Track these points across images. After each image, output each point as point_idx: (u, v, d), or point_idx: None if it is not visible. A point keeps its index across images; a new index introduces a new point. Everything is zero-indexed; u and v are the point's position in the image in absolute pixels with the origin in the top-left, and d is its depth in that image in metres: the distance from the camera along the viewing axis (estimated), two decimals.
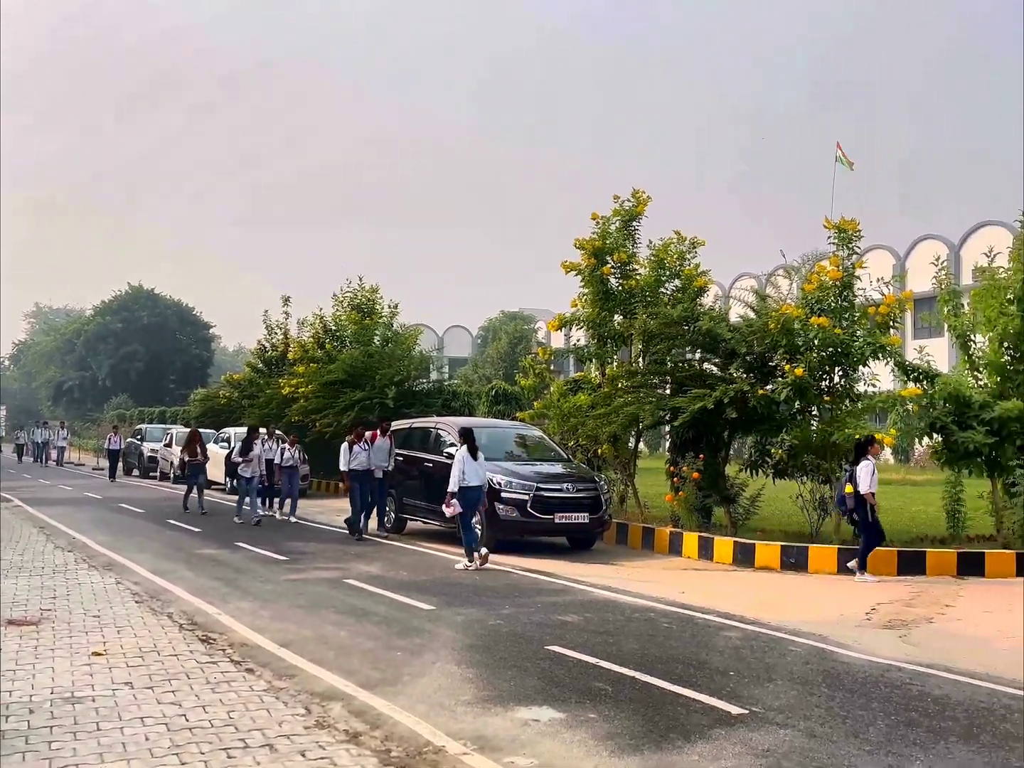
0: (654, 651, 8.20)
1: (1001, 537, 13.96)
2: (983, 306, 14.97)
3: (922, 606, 10.55)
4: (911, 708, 6.64)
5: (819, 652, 8.31)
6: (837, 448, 13.90)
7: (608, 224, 17.04)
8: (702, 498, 15.26)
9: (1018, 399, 14.03)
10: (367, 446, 16.33)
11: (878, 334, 14.22)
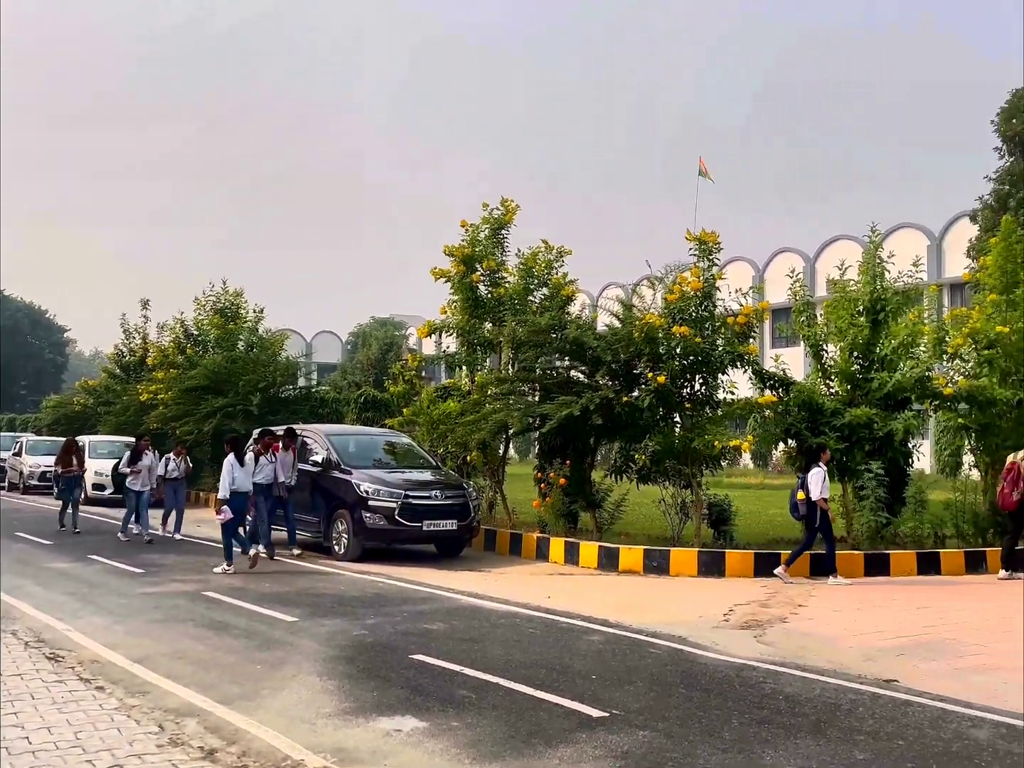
0: (518, 656, 8.24)
1: (851, 538, 14.58)
2: (834, 317, 15.65)
3: (777, 606, 10.92)
4: (764, 706, 6.85)
5: (678, 653, 8.51)
6: (698, 454, 14.28)
7: (477, 232, 17.11)
8: (569, 503, 15.46)
9: (866, 406, 14.71)
10: (274, 458, 15.07)
11: (737, 343, 14.66)
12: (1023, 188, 27.10)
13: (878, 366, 15.17)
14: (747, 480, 30.68)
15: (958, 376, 15.89)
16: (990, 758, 5.76)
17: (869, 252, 16.12)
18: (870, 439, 14.65)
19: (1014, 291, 15.84)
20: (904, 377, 14.86)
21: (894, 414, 14.92)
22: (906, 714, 6.69)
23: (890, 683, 7.53)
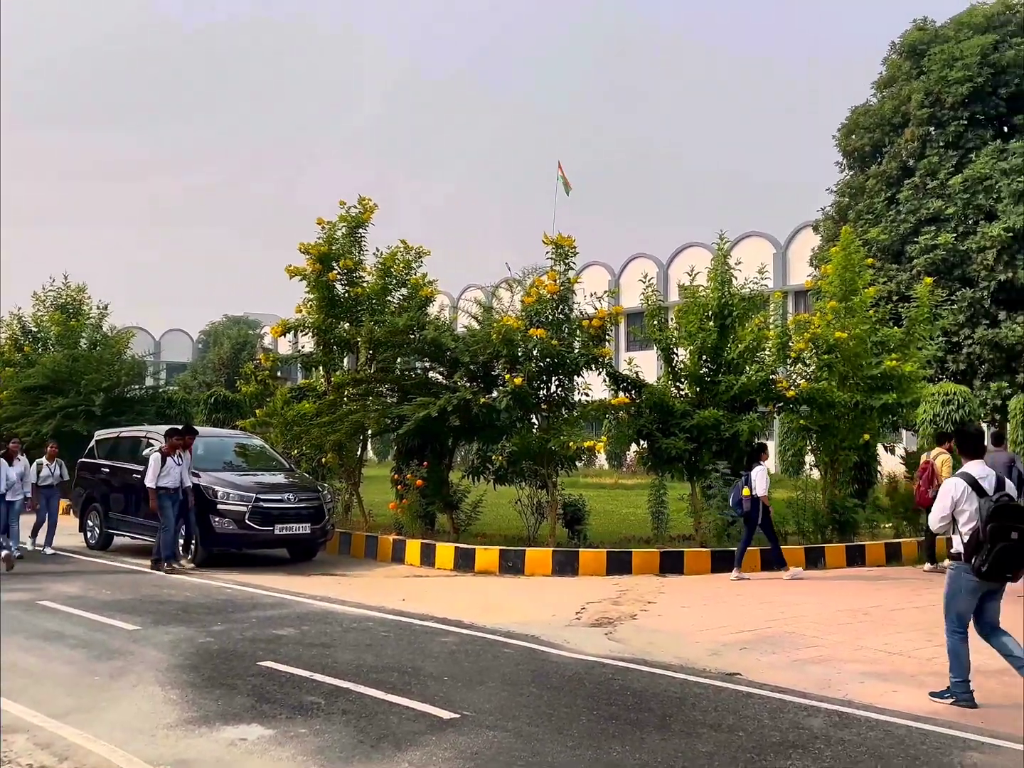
0: (370, 660, 8.14)
1: (699, 536, 15.03)
2: (685, 321, 16.10)
3: (627, 604, 11.14)
4: (613, 702, 6.96)
5: (530, 653, 8.57)
6: (554, 454, 14.45)
7: (334, 230, 16.86)
8: (426, 505, 15.41)
9: (714, 408, 15.18)
10: (181, 460, 13.94)
11: (592, 346, 14.91)
12: (862, 200, 28.45)
13: (725, 369, 15.67)
14: (602, 480, 31.26)
15: (800, 379, 16.58)
16: (823, 745, 6.01)
17: (718, 259, 16.64)
18: (717, 440, 15.14)
19: (852, 299, 16.62)
20: (749, 380, 15.41)
21: (740, 416, 15.44)
22: (747, 706, 6.91)
23: (733, 676, 7.78)
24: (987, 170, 25.53)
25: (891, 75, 29.21)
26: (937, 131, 27.42)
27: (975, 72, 26.20)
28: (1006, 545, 6.90)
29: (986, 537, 6.93)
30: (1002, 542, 6.90)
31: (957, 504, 7.13)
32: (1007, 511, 6.97)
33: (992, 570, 6.96)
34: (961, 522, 7.09)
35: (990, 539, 6.92)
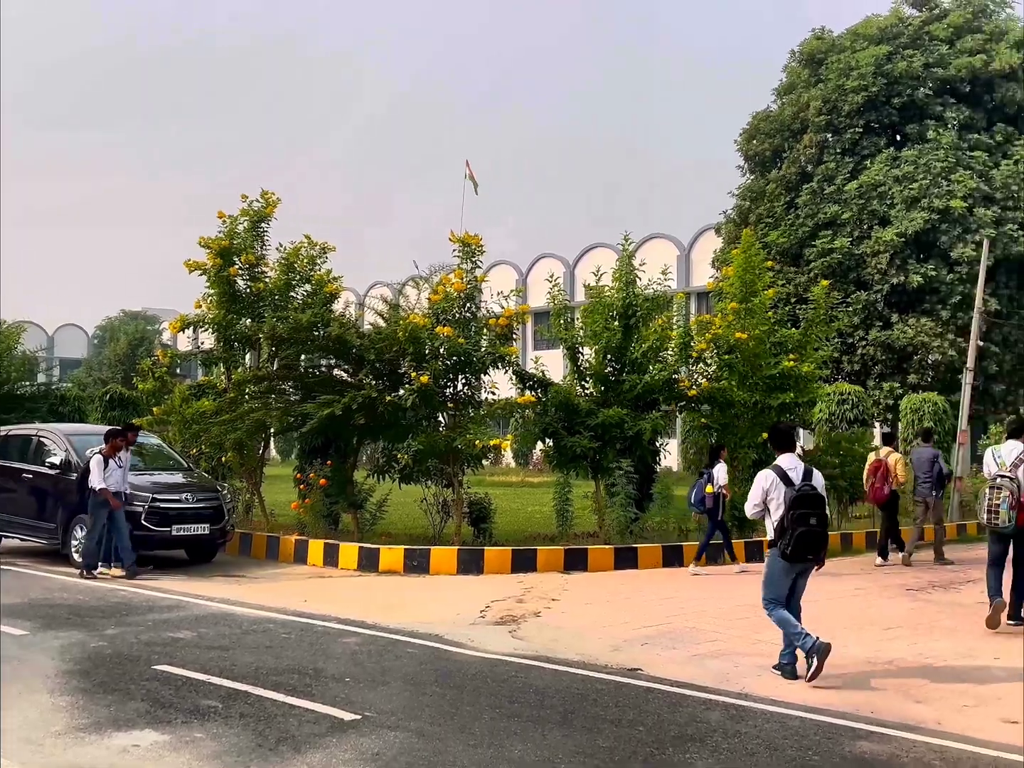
0: (270, 663, 8.00)
1: (603, 533, 15.18)
2: (590, 321, 16.26)
3: (531, 601, 11.19)
4: (515, 700, 6.97)
5: (434, 652, 8.53)
6: (460, 453, 14.42)
7: (236, 224, 16.51)
8: (330, 504, 15.23)
9: (618, 407, 15.36)
10: (122, 461, 13.17)
11: (499, 344, 14.92)
12: (762, 204, 29.13)
13: (629, 368, 15.86)
14: (508, 479, 31.37)
15: (701, 379, 16.88)
16: (720, 738, 6.11)
17: (623, 260, 16.84)
18: (621, 438, 15.33)
19: (752, 300, 17.00)
20: (653, 379, 15.63)
21: (643, 414, 15.66)
22: (647, 701, 7.00)
23: (634, 672, 7.87)
24: (881, 177, 26.41)
25: (791, 82, 29.99)
26: (834, 138, 28.26)
27: (870, 82, 27.07)
28: (805, 530, 7.59)
29: (789, 523, 7.61)
30: (802, 527, 7.59)
31: (768, 493, 7.78)
32: (807, 499, 7.66)
33: (794, 553, 7.65)
34: (772, 510, 7.74)
35: (791, 525, 7.61)
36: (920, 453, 15.62)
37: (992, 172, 25.91)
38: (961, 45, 27.49)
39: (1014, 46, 27.15)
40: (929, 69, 27.34)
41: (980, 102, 27.52)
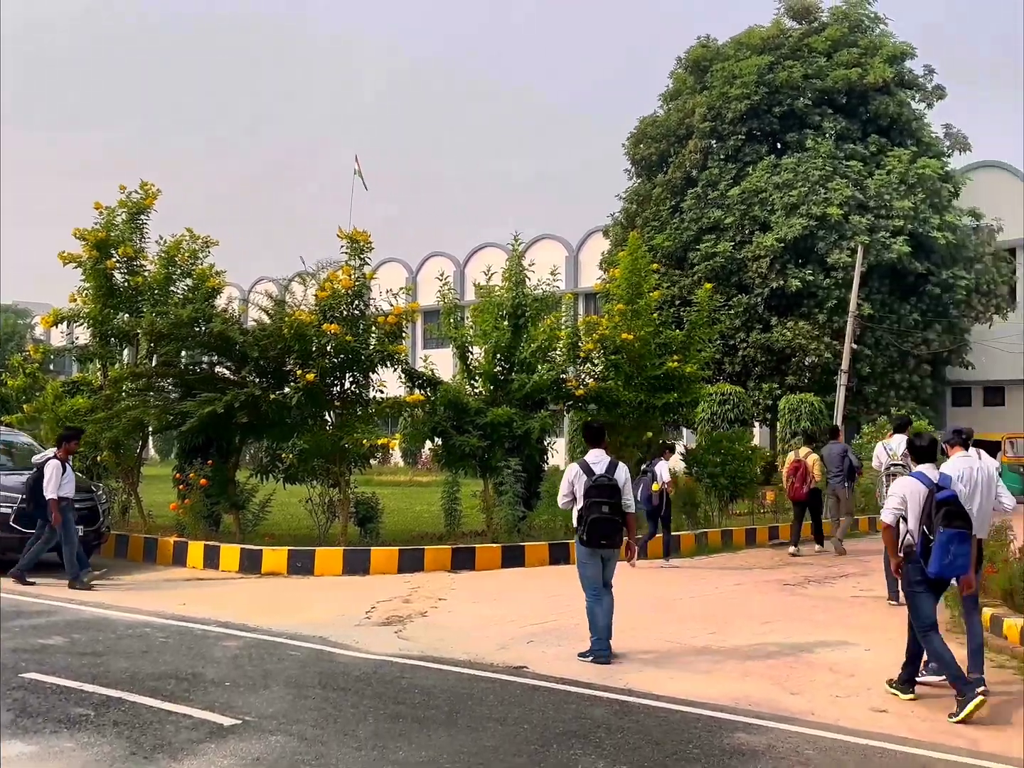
0: (147, 668, 7.73)
1: (491, 532, 15.20)
2: (480, 320, 16.28)
3: (418, 601, 11.12)
4: (400, 701, 6.91)
5: (318, 654, 8.39)
6: (347, 452, 14.25)
7: (113, 215, 15.95)
8: (210, 505, 14.84)
9: (507, 406, 15.41)
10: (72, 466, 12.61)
11: (387, 342, 14.79)
12: (648, 208, 29.67)
13: (518, 368, 15.94)
14: (397, 478, 31.16)
15: (589, 379, 17.09)
16: (604, 734, 6.17)
17: (513, 260, 16.92)
18: (510, 437, 15.38)
19: (638, 302, 17.26)
20: (541, 379, 15.74)
21: (532, 413, 15.76)
22: (533, 699, 7.02)
23: (520, 670, 7.89)
24: (762, 183, 27.17)
25: (677, 88, 30.62)
26: (718, 144, 28.97)
27: (752, 90, 27.83)
28: (597, 517, 8.18)
29: (584, 511, 8.22)
30: (594, 514, 8.18)
31: (573, 485, 8.37)
32: (602, 489, 8.23)
33: (590, 538, 8.23)
34: (578, 499, 8.33)
35: (586, 512, 8.22)
36: (831, 448, 16.34)
37: (866, 181, 26.92)
38: (838, 58, 28.50)
39: (887, 61, 28.28)
40: (808, 80, 28.26)
41: (855, 113, 28.58)
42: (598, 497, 8.22)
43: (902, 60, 29.11)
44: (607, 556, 8.40)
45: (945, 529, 6.71)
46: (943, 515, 6.75)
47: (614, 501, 8.25)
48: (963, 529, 6.78)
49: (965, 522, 6.82)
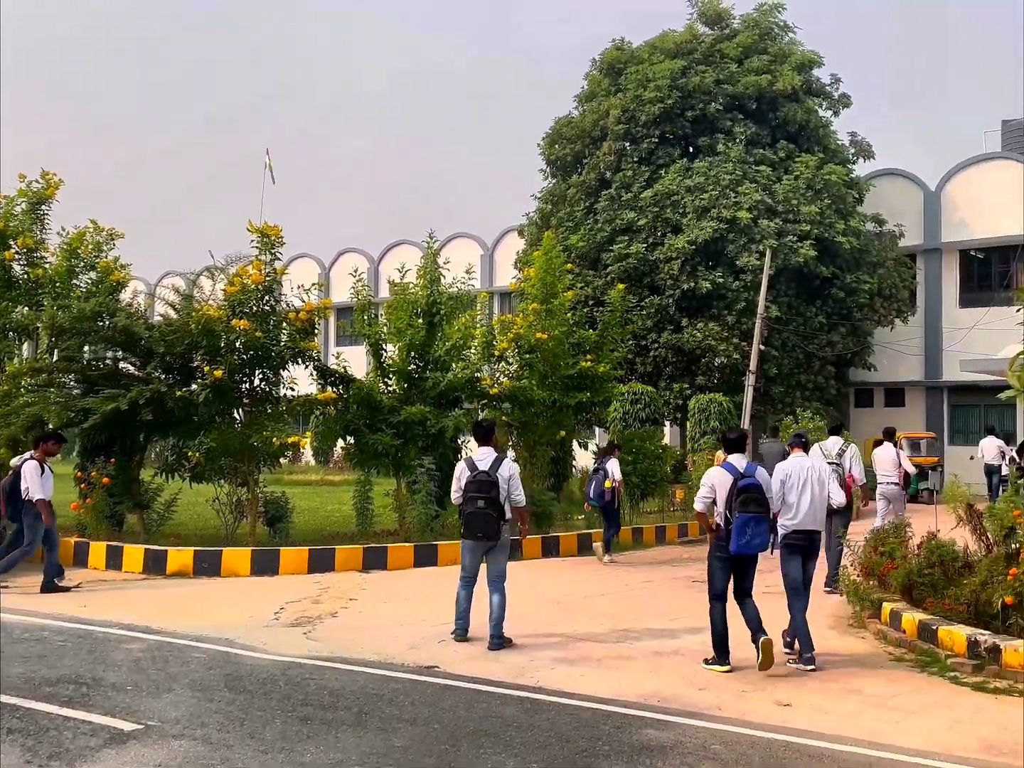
0: (43, 673, 7.47)
1: (403, 531, 15.11)
2: (394, 318, 16.16)
3: (328, 601, 10.98)
4: (308, 703, 6.80)
5: (224, 656, 8.21)
6: (256, 450, 14.01)
7: (12, 205, 15.40)
8: (113, 505, 14.44)
9: (421, 404, 15.33)
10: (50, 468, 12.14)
11: (299, 339, 14.59)
12: (563, 208, 29.83)
13: (433, 366, 15.87)
14: (308, 477, 30.76)
15: (503, 377, 17.11)
16: (514, 732, 6.17)
17: (428, 258, 16.84)
18: (424, 436, 15.30)
19: (552, 301, 17.36)
20: (456, 377, 15.70)
21: (446, 412, 15.71)
22: (443, 698, 6.99)
23: (431, 669, 7.84)
24: (674, 186, 27.55)
25: (592, 90, 30.84)
26: (632, 146, 29.27)
27: (665, 94, 28.19)
28: (471, 511, 8.77)
29: (462, 505, 8.87)
30: (470, 508, 8.77)
31: (460, 480, 8.95)
32: (478, 484, 8.79)
33: (466, 531, 8.87)
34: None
35: (463, 506, 8.86)
36: (770, 447, 16.68)
37: (775, 186, 27.49)
38: (749, 64, 29.04)
39: (796, 69, 28.93)
40: (720, 85, 28.74)
41: (765, 119, 29.16)
42: (476, 492, 8.74)
43: (810, 68, 29.80)
44: (488, 549, 8.94)
45: (741, 513, 7.77)
46: (741, 501, 7.81)
47: (490, 496, 8.70)
48: (759, 513, 7.82)
49: (761, 507, 7.84)
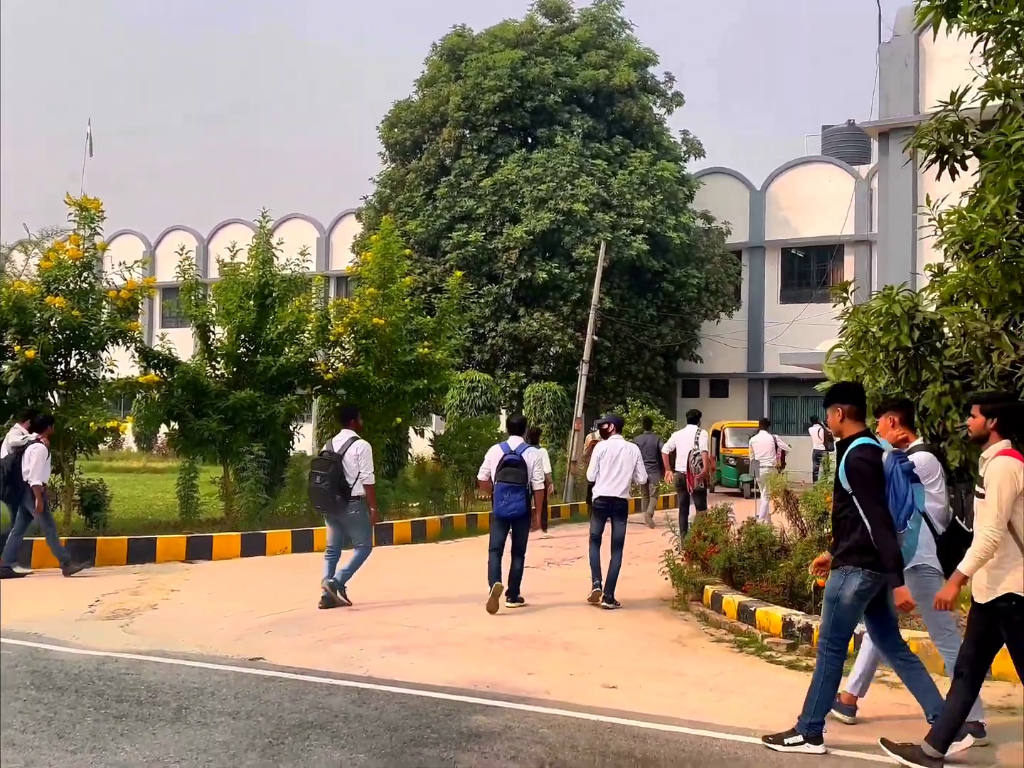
0: None
1: (230, 520, 14.65)
2: (223, 299, 15.62)
3: (148, 593, 10.53)
4: (124, 699, 6.48)
5: (31, 652, 7.73)
6: (72, 435, 13.29)
7: None
8: None
9: (251, 389, 14.89)
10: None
11: (120, 319, 13.94)
12: (402, 193, 29.56)
13: (264, 350, 15.45)
14: (129, 464, 29.49)
15: (338, 363, 16.81)
16: (341, 723, 6.05)
17: (260, 237, 16.36)
18: (253, 421, 14.88)
19: (390, 286, 17.16)
20: (288, 361, 15.34)
21: (278, 397, 15.33)
22: (268, 690, 6.78)
23: (256, 661, 7.61)
24: (513, 176, 27.72)
25: (432, 75, 30.66)
26: (471, 134, 29.28)
27: (506, 83, 28.30)
28: (312, 486, 9.84)
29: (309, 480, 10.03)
30: (311, 483, 9.83)
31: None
32: (317, 462, 9.90)
33: (312, 505, 10.58)
34: None
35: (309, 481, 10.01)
36: (645, 439, 17.07)
37: (610, 180, 28.05)
38: (587, 59, 29.49)
39: (632, 65, 29.56)
40: (559, 78, 29.07)
41: (602, 114, 29.70)
42: (314, 468, 9.85)
43: (645, 66, 30.50)
44: (336, 520, 9.96)
45: (499, 483, 9.77)
46: (502, 473, 9.78)
47: (326, 473, 9.62)
48: (514, 484, 9.69)
49: (517, 479, 9.72)
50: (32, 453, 11.68)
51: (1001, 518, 5.18)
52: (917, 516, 5.61)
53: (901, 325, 6.94)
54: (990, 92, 7.11)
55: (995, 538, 5.16)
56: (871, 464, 5.56)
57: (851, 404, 5.79)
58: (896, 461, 5.62)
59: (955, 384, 7.03)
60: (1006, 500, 5.18)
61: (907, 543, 5.62)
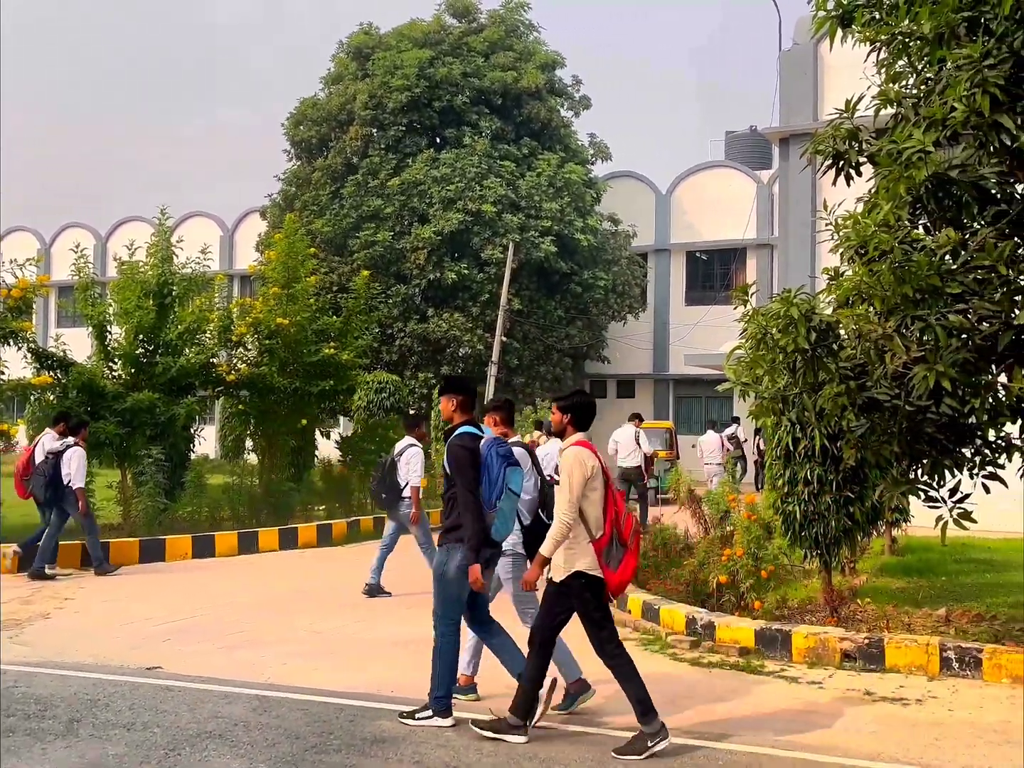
0: None
1: (128, 525, 14.25)
2: (121, 298, 15.23)
3: (41, 602, 10.17)
4: (12, 713, 6.22)
5: None
6: None
7: None
8: None
9: (150, 390, 14.54)
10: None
11: (11, 318, 13.49)
12: (308, 191, 29.16)
13: (163, 350, 15.11)
14: None
15: (241, 364, 16.50)
16: (241, 731, 5.91)
17: (160, 235, 15.98)
18: (152, 424, 14.54)
19: (295, 286, 16.93)
20: (189, 362, 15.02)
21: (178, 399, 15.00)
22: (166, 700, 6.59)
23: (153, 670, 7.40)
24: (421, 176, 27.59)
25: (339, 73, 30.33)
26: (379, 133, 29.04)
27: (413, 83, 28.15)
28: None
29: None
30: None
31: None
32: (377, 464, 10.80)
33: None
34: None
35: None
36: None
37: (519, 182, 28.13)
38: (495, 60, 29.51)
39: (540, 68, 29.69)
40: (467, 78, 29.02)
41: (510, 115, 29.75)
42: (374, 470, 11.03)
43: (553, 68, 30.65)
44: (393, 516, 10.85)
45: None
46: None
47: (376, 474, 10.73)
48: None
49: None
50: (72, 456, 11.79)
51: (573, 502, 5.62)
52: (510, 496, 6.05)
53: (799, 327, 7.06)
54: (883, 101, 7.30)
55: (568, 520, 5.61)
56: (467, 450, 6.05)
57: (463, 395, 6.34)
58: (492, 446, 6.08)
59: (851, 385, 7.19)
60: (576, 484, 5.63)
61: (498, 520, 6.04)
